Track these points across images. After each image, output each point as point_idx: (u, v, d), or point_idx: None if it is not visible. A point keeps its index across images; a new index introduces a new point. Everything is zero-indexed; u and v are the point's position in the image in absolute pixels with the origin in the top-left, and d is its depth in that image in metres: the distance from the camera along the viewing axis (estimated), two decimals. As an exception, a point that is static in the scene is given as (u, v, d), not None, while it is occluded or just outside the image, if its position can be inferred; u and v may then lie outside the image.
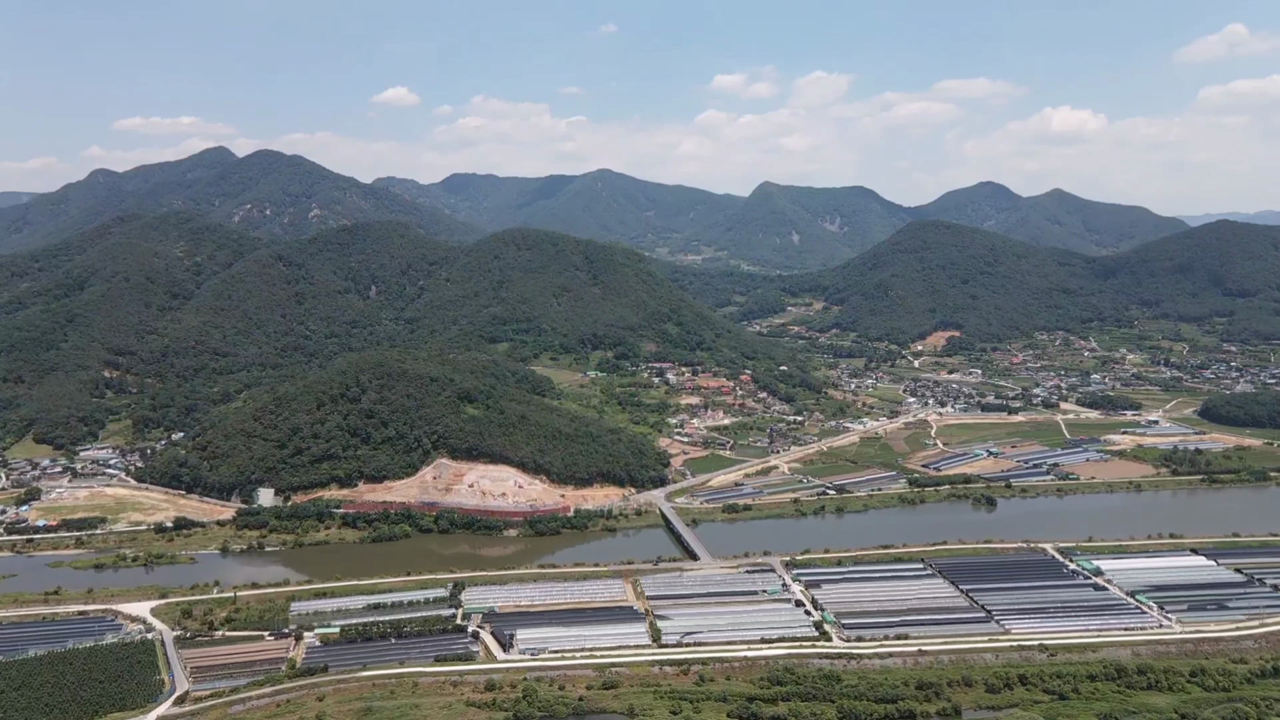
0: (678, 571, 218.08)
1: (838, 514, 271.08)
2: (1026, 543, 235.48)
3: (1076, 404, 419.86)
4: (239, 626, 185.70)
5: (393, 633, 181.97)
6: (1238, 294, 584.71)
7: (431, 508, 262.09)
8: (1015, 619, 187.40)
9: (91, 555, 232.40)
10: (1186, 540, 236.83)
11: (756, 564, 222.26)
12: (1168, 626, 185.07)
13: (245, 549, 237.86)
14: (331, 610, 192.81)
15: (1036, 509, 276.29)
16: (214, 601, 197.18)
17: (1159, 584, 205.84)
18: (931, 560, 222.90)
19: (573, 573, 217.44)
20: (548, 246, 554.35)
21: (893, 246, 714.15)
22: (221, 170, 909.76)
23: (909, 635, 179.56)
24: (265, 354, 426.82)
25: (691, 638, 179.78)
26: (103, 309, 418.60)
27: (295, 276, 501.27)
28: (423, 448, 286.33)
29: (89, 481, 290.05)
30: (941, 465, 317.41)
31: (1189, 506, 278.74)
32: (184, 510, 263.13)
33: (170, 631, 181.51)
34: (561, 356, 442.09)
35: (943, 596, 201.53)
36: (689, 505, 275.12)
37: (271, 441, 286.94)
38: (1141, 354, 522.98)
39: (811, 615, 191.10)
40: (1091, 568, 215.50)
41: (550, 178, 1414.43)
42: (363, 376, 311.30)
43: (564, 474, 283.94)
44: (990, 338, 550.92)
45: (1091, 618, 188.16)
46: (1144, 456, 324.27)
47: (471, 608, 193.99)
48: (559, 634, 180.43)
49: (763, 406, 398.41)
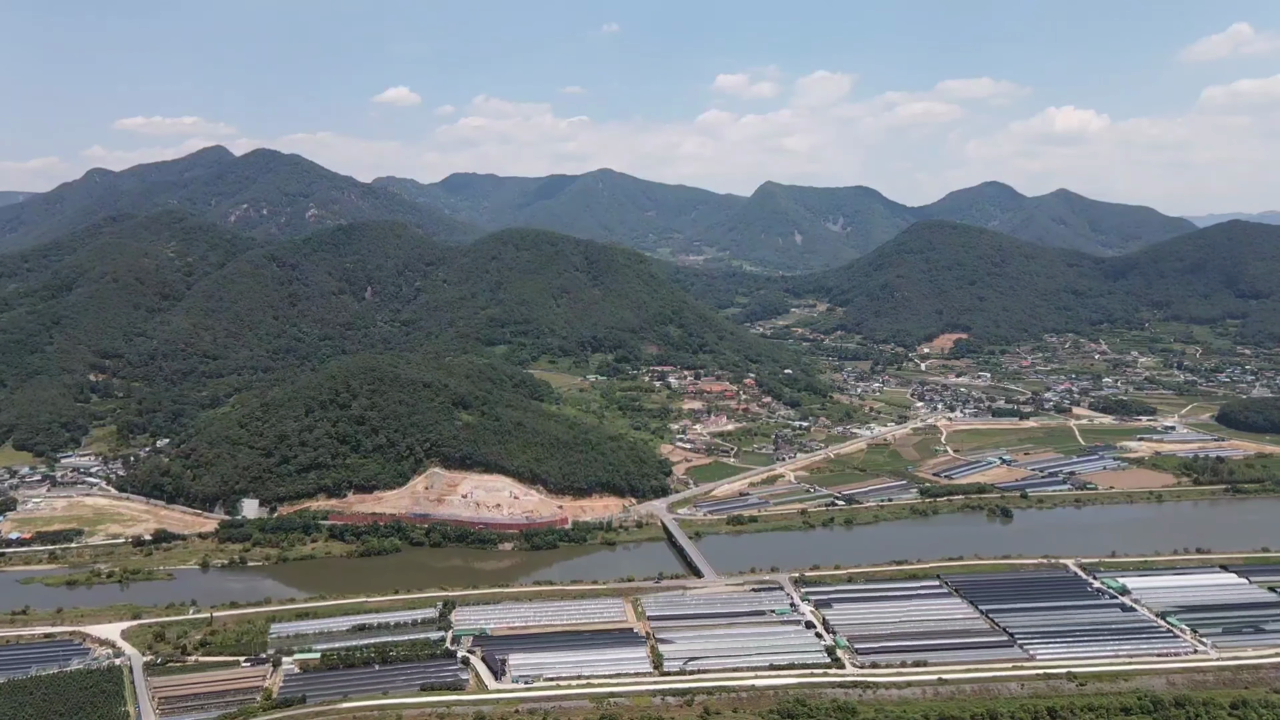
0: (680, 590, 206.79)
1: (847, 526, 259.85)
2: (1047, 558, 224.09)
3: (1089, 409, 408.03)
4: (214, 651, 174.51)
5: (377, 658, 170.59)
6: (1250, 295, 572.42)
7: (423, 519, 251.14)
8: (1040, 644, 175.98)
9: (65, 571, 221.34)
10: (1215, 556, 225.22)
11: (763, 581, 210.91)
12: (1203, 652, 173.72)
13: (227, 564, 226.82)
14: (313, 633, 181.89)
15: (1054, 521, 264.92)
16: (189, 623, 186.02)
17: (1190, 604, 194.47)
18: (948, 577, 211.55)
19: (570, 591, 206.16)
20: (547, 247, 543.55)
21: (898, 247, 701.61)
22: (219, 169, 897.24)
23: (927, 662, 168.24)
24: (256, 357, 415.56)
25: (695, 664, 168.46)
26: (90, 311, 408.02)
27: (289, 277, 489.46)
28: (415, 456, 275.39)
29: (68, 491, 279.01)
30: (953, 474, 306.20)
31: (1213, 518, 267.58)
32: (165, 522, 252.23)
33: (140, 657, 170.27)
34: (560, 360, 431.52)
35: (961, 618, 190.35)
36: (692, 516, 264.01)
37: (257, 449, 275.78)
38: (1154, 357, 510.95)
39: (823, 639, 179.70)
40: (1117, 586, 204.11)
41: (551, 178, 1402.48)
42: (353, 381, 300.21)
43: (562, 484, 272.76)
44: (998, 340, 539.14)
45: (1121, 642, 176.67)
46: (1163, 465, 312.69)
47: (462, 630, 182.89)
48: (554, 660, 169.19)
49: (767, 411, 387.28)
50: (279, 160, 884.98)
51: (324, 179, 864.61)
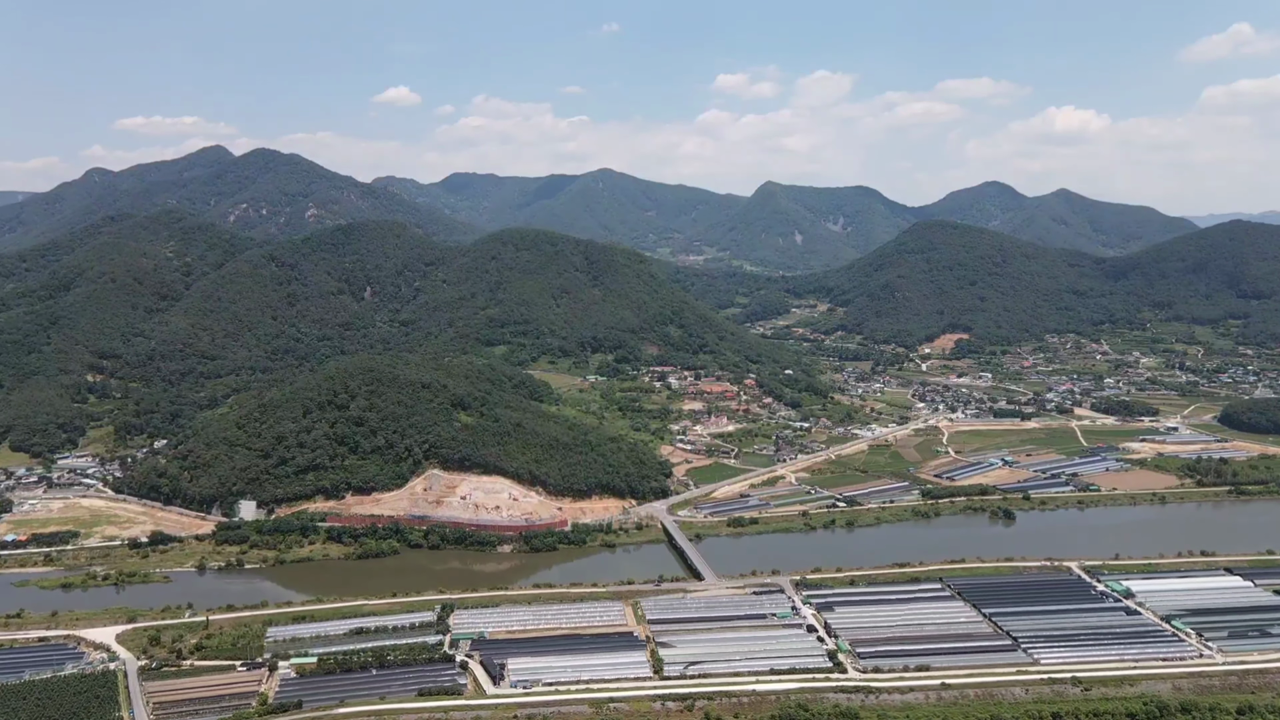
0: (681, 593, 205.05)
1: (848, 528, 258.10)
2: (1050, 560, 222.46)
3: (1091, 409, 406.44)
4: (210, 655, 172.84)
5: (374, 662, 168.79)
6: (1252, 296, 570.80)
7: (421, 521, 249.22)
8: (1044, 648, 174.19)
9: (60, 574, 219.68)
10: (1219, 558, 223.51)
11: (764, 584, 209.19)
12: (1209, 656, 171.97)
13: (224, 566, 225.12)
14: (310, 636, 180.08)
15: (1057, 523, 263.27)
16: (184, 627, 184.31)
17: (1195, 608, 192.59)
18: (950, 580, 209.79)
19: (569, 594, 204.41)
20: (547, 247, 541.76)
21: (898, 247, 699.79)
22: (218, 169, 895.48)
23: (930, 666, 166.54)
24: (255, 357, 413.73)
25: (696, 668, 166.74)
26: (88, 311, 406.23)
27: (287, 277, 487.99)
28: (413, 457, 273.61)
29: (64, 492, 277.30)
30: (955, 475, 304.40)
31: (1217, 520, 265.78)
32: (161, 524, 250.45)
33: (135, 661, 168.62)
34: (560, 360, 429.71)
35: (964, 621, 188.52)
36: (692, 518, 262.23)
37: (255, 451, 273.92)
38: (1155, 357, 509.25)
39: (825, 643, 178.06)
40: (1121, 589, 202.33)
41: (551, 177, 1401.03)
42: (352, 382, 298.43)
43: (561, 485, 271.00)
44: (1000, 340, 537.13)
45: (1126, 646, 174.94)
46: (1166, 466, 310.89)
47: (460, 634, 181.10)
48: (553, 664, 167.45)
49: (768, 412, 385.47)
50: (278, 160, 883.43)
51: (323, 179, 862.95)
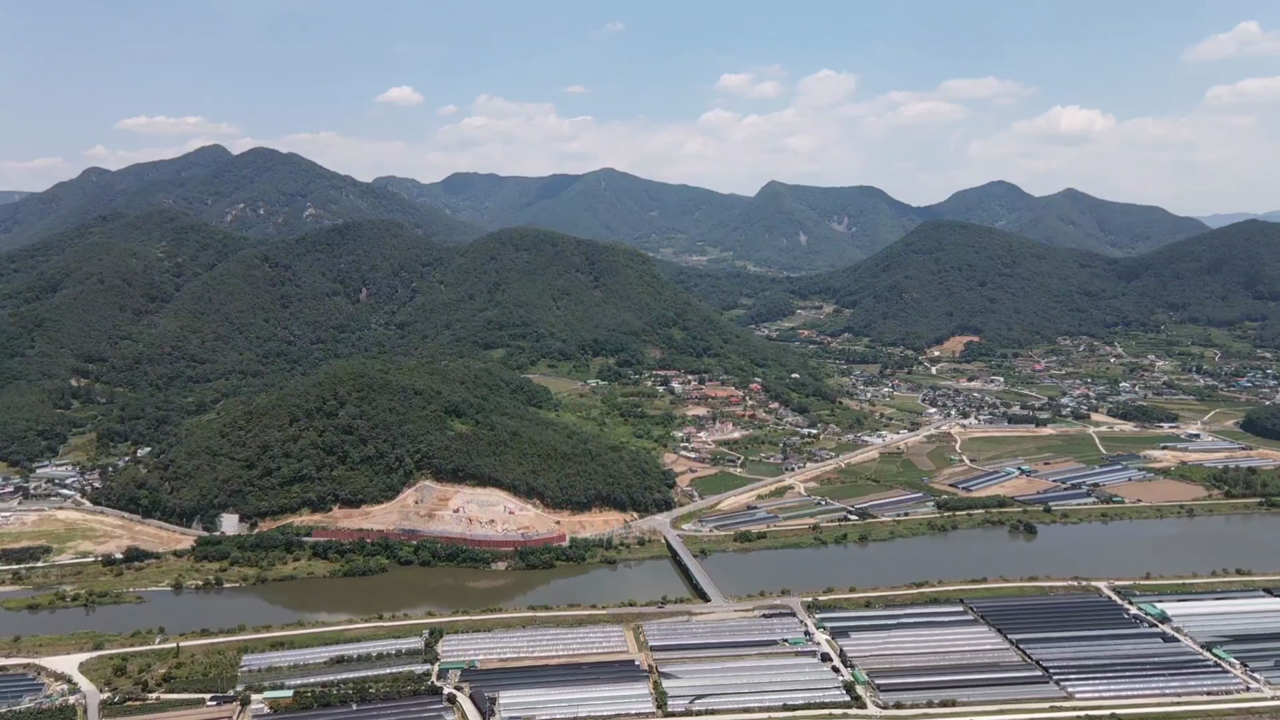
0: (685, 616, 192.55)
1: (861, 542, 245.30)
2: (1077, 580, 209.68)
3: (1108, 415, 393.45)
4: (179, 686, 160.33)
5: (355, 696, 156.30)
6: (1270, 297, 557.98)
7: (412, 536, 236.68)
8: (1078, 680, 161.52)
9: (28, 593, 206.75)
10: (1257, 578, 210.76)
11: (774, 606, 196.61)
12: (1256, 689, 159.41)
13: (201, 585, 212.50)
14: (288, 665, 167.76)
15: (1081, 537, 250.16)
16: (154, 654, 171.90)
17: (1236, 634, 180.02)
18: (972, 602, 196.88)
19: (566, 617, 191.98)
20: (547, 247, 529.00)
21: (905, 247, 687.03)
22: (216, 169, 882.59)
23: (956, 701, 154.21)
24: (246, 361, 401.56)
25: (702, 703, 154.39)
26: (74, 313, 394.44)
27: (281, 278, 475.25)
28: (404, 468, 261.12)
29: (41, 504, 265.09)
30: (971, 485, 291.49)
31: (1249, 535, 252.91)
32: (139, 538, 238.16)
33: (97, 694, 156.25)
34: (560, 364, 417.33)
35: (989, 649, 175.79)
36: (697, 532, 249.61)
37: (239, 461, 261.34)
38: (1171, 360, 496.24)
39: (840, 673, 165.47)
40: (1156, 613, 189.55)
41: (553, 177, 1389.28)
42: (341, 388, 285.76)
43: (559, 498, 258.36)
44: (1011, 343, 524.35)
45: (1166, 678, 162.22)
46: (1191, 476, 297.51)
47: (448, 663, 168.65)
48: (548, 698, 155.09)
49: (774, 418, 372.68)
50: (276, 159, 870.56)
51: (322, 178, 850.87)
